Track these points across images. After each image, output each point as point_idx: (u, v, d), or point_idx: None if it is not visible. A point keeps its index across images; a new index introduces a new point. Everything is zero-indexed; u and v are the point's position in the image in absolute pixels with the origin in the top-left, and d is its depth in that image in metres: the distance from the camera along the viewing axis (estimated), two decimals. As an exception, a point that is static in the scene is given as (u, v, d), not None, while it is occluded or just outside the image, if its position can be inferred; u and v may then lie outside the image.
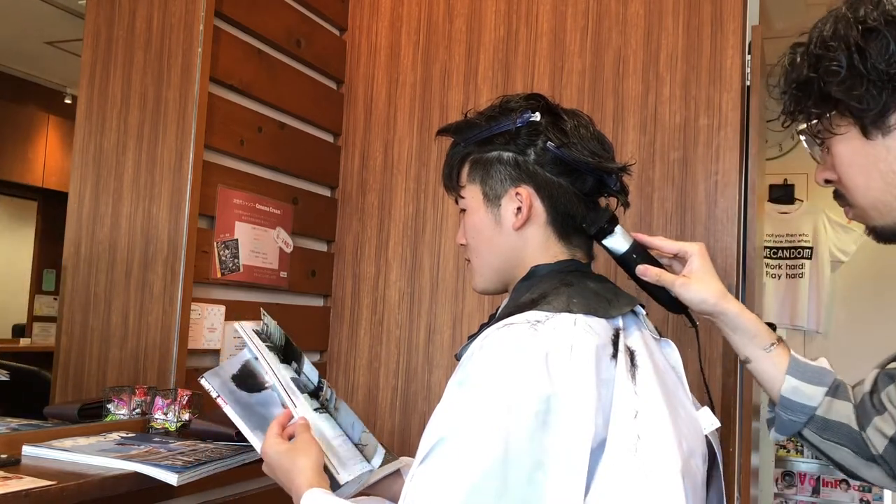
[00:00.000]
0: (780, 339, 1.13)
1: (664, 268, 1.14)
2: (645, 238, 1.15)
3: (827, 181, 1.01)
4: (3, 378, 1.92)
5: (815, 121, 0.97)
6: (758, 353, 1.12)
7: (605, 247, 1.14)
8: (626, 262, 1.14)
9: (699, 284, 1.10)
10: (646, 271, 1.12)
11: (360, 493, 1.24)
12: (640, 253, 1.14)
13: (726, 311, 1.11)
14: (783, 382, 1.10)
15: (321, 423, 1.21)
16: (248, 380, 1.26)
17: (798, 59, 0.95)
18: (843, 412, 1.07)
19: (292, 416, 1.19)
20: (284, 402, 1.22)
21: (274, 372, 1.25)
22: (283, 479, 1.09)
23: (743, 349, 1.14)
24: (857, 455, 1.05)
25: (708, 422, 1.05)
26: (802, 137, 1.01)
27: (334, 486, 1.11)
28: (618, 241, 1.12)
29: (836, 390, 1.09)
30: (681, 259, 1.14)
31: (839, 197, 1.01)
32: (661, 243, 1.15)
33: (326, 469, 1.11)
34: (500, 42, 2.08)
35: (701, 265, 1.11)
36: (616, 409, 0.92)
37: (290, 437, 1.14)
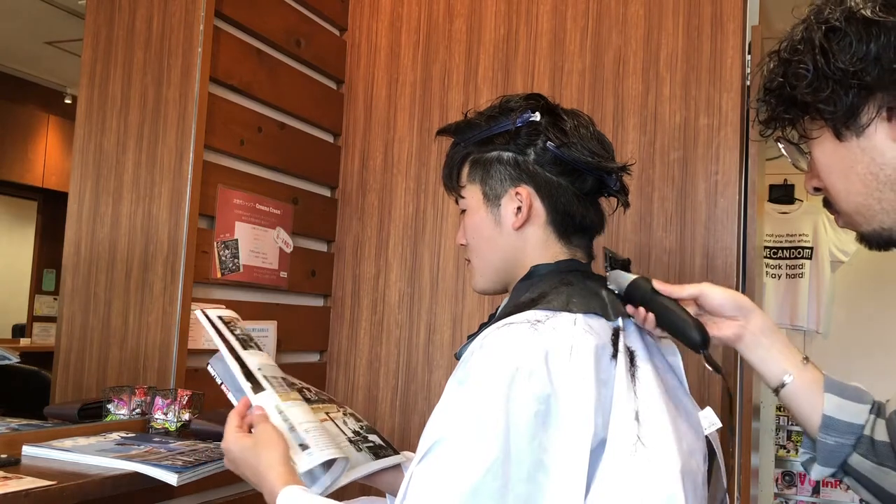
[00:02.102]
0: (807, 357, 1.04)
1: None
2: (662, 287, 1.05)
3: (816, 189, 0.97)
4: (14, 359, 1.92)
5: (789, 127, 0.94)
6: (797, 368, 1.01)
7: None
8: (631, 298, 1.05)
9: (715, 289, 1.04)
10: (635, 313, 1.03)
11: (362, 490, 1.24)
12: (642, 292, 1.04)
13: (754, 309, 1.03)
14: (824, 401, 0.99)
15: (285, 409, 1.14)
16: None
17: (771, 66, 0.94)
18: (883, 431, 0.98)
19: (250, 404, 1.12)
20: (244, 391, 1.15)
21: (234, 358, 1.16)
22: (249, 474, 1.05)
23: (779, 364, 1.02)
24: None
25: (709, 422, 1.04)
26: (780, 145, 0.97)
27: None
28: (618, 281, 1.06)
29: (878, 409, 1.00)
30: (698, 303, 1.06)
31: (828, 204, 0.97)
32: (671, 291, 1.04)
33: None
34: (500, 42, 2.08)
35: (708, 284, 1.05)
36: (615, 410, 0.92)
37: (251, 428, 1.09)
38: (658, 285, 1.03)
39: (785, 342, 1.04)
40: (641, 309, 1.03)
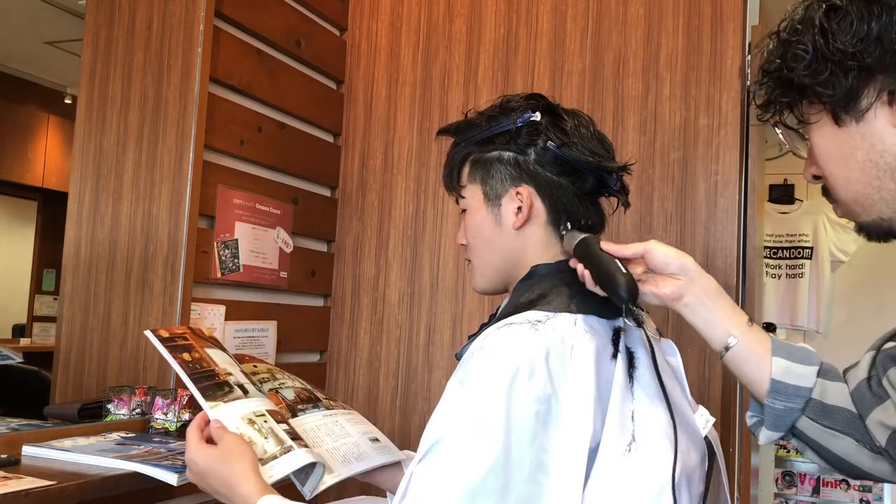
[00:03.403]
0: (752, 319, 1.01)
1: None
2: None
3: (815, 177, 0.93)
4: (18, 359, 1.92)
5: (787, 111, 0.90)
6: (742, 330, 0.98)
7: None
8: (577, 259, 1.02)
9: (662, 247, 1.00)
10: (577, 269, 1.00)
11: (362, 490, 1.23)
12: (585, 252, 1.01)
13: (702, 273, 0.99)
14: (771, 365, 0.97)
15: (251, 418, 1.11)
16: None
17: (770, 47, 0.89)
18: (840, 395, 0.96)
19: (208, 418, 1.09)
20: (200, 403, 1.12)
21: (186, 375, 1.13)
22: (218, 486, 1.02)
23: (723, 326, 0.99)
24: (861, 445, 0.94)
25: (704, 419, 1.04)
26: (778, 131, 0.93)
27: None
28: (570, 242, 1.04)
29: (826, 371, 0.98)
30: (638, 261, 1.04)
31: (826, 193, 0.93)
32: (615, 250, 1.00)
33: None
34: (500, 42, 2.08)
35: (654, 242, 1.02)
36: (612, 410, 0.92)
37: (210, 440, 1.06)
38: (605, 244, 1.00)
39: (731, 305, 1.00)
40: (580, 265, 0.99)
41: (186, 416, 1.50)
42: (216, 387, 1.14)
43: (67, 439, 1.35)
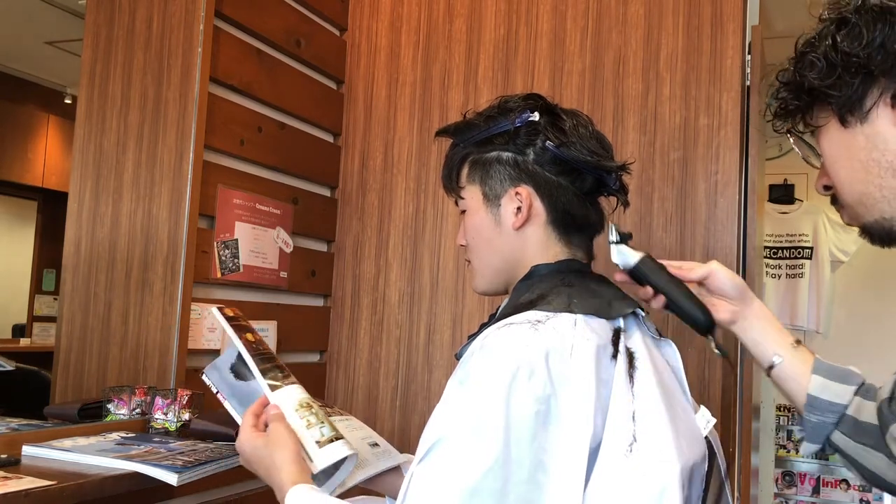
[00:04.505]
0: (800, 340, 1.10)
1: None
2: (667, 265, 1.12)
3: (826, 188, 1.00)
4: (9, 367, 1.92)
5: (799, 118, 0.97)
6: (788, 350, 1.07)
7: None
8: (637, 278, 1.11)
9: (723, 270, 1.10)
10: (643, 292, 1.11)
11: (362, 491, 1.23)
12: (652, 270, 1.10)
13: (754, 298, 1.10)
14: (809, 381, 1.05)
15: (299, 407, 1.14)
16: (241, 369, 1.24)
17: (787, 64, 0.98)
18: (874, 413, 1.01)
19: (267, 403, 1.13)
20: (262, 388, 1.16)
21: (250, 356, 1.18)
22: (262, 473, 1.07)
23: (771, 346, 1.08)
24: (891, 461, 0.97)
25: (705, 420, 1.05)
26: (791, 139, 1.00)
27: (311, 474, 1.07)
28: (623, 257, 1.10)
29: (865, 391, 1.03)
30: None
31: (835, 201, 1.00)
32: (683, 272, 1.11)
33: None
34: (500, 42, 2.08)
35: (725, 280, 1.10)
36: (613, 410, 0.92)
37: (266, 426, 1.10)
38: (669, 265, 1.09)
39: (778, 328, 1.09)
40: (650, 289, 1.08)
41: (186, 416, 1.50)
42: (277, 369, 1.17)
43: (67, 439, 1.35)
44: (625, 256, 1.10)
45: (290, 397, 1.14)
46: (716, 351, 1.10)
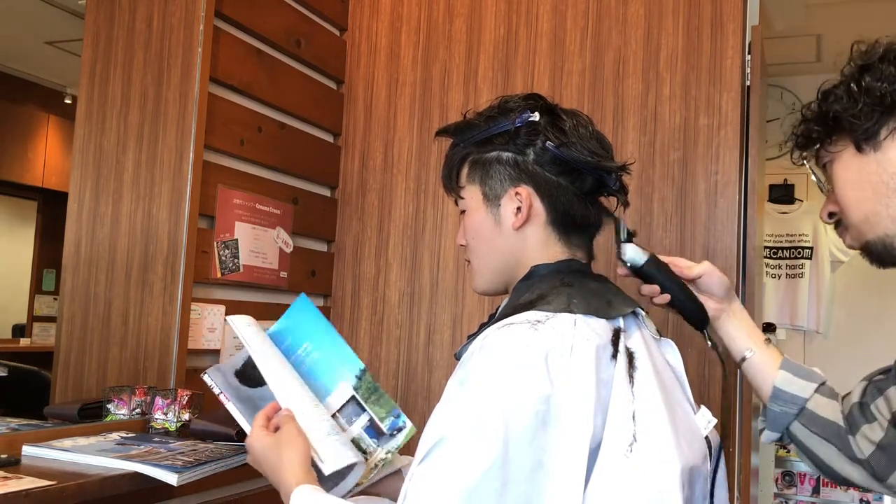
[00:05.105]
0: (769, 339, 1.24)
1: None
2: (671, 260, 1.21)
3: (831, 214, 1.11)
4: (2, 374, 1.92)
5: (818, 146, 1.09)
6: (760, 346, 1.21)
7: (622, 255, 1.18)
8: (644, 275, 1.18)
9: (716, 270, 1.21)
10: (649, 289, 1.19)
11: (362, 491, 1.23)
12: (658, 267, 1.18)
13: (735, 297, 1.23)
14: (777, 376, 1.18)
15: (312, 412, 1.16)
16: (251, 374, 1.25)
17: (810, 104, 1.11)
18: (831, 410, 1.16)
19: (279, 408, 1.15)
20: (274, 393, 1.17)
21: (262, 360, 1.20)
22: (269, 473, 1.07)
23: (745, 341, 1.21)
24: (841, 453, 1.13)
25: (706, 420, 1.05)
26: (809, 165, 1.13)
27: (320, 478, 1.08)
28: (634, 254, 1.17)
29: (825, 390, 1.18)
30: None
31: (838, 225, 1.12)
32: (683, 270, 1.21)
33: (312, 461, 1.08)
34: (500, 42, 2.08)
35: (709, 263, 1.22)
36: (613, 410, 0.92)
37: (277, 429, 1.11)
38: (670, 262, 1.19)
39: (753, 326, 1.24)
40: (656, 286, 1.17)
41: (186, 416, 1.50)
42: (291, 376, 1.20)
43: (67, 439, 1.35)
44: (636, 253, 1.16)
45: (302, 402, 1.15)
46: (709, 343, 1.21)
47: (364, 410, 1.28)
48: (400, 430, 1.29)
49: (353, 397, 1.27)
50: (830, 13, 3.54)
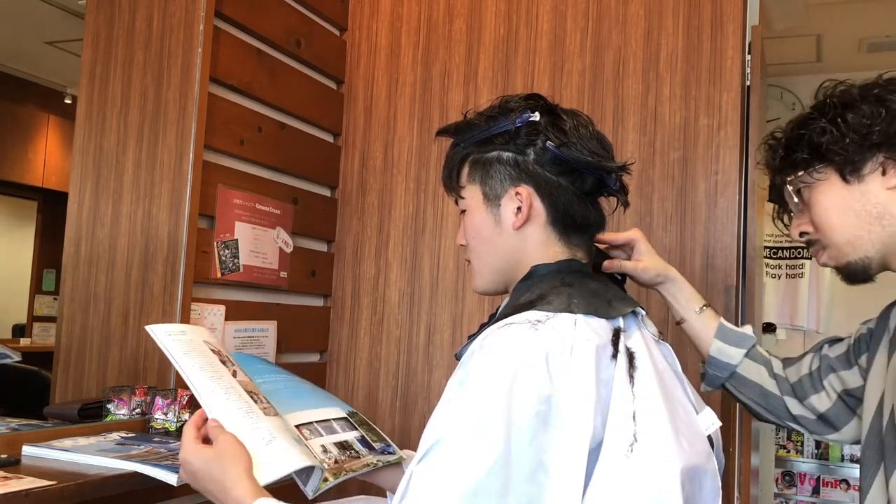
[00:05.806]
0: (708, 304, 1.36)
1: (615, 257, 1.29)
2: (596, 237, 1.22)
3: (802, 233, 1.20)
4: (16, 357, 1.91)
5: (800, 172, 1.16)
6: (692, 315, 1.35)
7: None
8: None
9: (651, 261, 1.30)
10: (610, 265, 1.25)
11: (361, 490, 1.23)
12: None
13: (675, 279, 1.34)
14: (711, 344, 1.34)
15: (242, 420, 1.08)
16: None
17: (787, 127, 1.19)
18: (756, 373, 1.34)
19: (206, 416, 1.07)
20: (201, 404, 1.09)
21: (186, 369, 1.11)
22: (211, 487, 1.00)
23: (681, 311, 1.35)
24: (765, 409, 1.34)
25: (709, 421, 1.04)
26: (789, 188, 1.19)
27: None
28: None
29: (752, 354, 1.34)
30: (627, 247, 1.30)
31: (811, 245, 1.21)
32: (610, 238, 1.28)
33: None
34: (500, 42, 2.08)
35: (646, 247, 1.30)
36: (613, 410, 0.91)
37: (206, 440, 1.04)
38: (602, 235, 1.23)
39: (692, 291, 1.35)
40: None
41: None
42: (215, 384, 1.13)
43: (67, 439, 1.35)
44: None
45: (229, 411, 1.07)
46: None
47: (356, 429, 1.27)
48: (391, 453, 1.28)
49: (345, 418, 1.26)
50: (830, 13, 3.54)
